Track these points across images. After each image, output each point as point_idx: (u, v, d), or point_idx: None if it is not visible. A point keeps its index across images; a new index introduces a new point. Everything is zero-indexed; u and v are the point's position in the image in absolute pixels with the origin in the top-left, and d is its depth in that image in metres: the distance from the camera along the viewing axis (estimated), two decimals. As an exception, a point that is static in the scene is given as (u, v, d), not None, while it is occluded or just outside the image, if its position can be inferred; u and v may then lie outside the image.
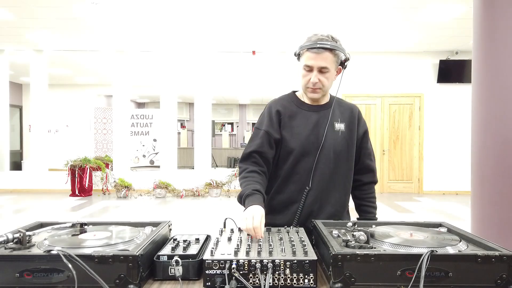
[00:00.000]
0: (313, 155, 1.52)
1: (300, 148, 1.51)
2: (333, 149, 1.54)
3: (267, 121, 1.54)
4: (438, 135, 8.24)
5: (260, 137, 1.52)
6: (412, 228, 1.29)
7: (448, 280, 0.97)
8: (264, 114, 1.58)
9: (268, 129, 1.52)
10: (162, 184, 8.01)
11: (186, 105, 16.45)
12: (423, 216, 6.09)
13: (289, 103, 1.58)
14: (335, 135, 1.55)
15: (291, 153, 1.52)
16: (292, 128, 1.53)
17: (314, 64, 1.46)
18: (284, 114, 1.54)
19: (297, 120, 1.54)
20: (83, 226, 1.25)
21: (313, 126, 1.54)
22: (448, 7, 5.64)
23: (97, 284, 0.92)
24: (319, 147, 1.51)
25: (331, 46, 1.44)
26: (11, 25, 6.57)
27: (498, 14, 2.73)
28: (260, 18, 6.17)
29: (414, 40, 7.38)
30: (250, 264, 0.98)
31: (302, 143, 1.51)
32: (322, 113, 1.56)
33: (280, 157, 1.55)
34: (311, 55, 1.46)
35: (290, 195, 1.53)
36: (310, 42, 1.47)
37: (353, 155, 1.61)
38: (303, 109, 1.56)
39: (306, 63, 1.47)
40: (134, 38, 7.38)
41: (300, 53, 1.52)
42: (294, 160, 1.52)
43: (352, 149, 1.60)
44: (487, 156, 2.80)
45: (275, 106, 1.56)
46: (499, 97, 2.72)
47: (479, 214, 2.90)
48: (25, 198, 7.69)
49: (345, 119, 1.60)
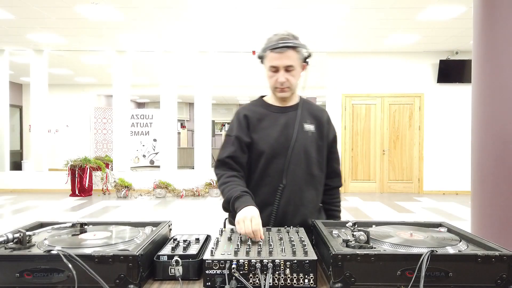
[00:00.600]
0: (284, 156, 1.51)
1: (270, 149, 1.51)
2: (304, 149, 1.53)
3: (237, 126, 1.54)
4: (438, 135, 8.24)
5: (231, 143, 1.52)
6: (412, 228, 1.29)
7: (448, 280, 0.97)
8: (233, 120, 1.59)
9: (238, 133, 1.52)
10: (162, 184, 8.01)
11: (186, 105, 16.46)
12: (423, 216, 6.09)
13: (257, 107, 1.59)
14: (305, 135, 1.54)
15: (262, 155, 1.51)
16: (261, 130, 1.53)
17: (279, 64, 1.46)
18: (252, 118, 1.54)
19: (266, 122, 1.54)
20: (83, 226, 1.25)
21: (282, 127, 1.53)
22: (448, 7, 5.64)
23: (97, 284, 0.92)
24: (289, 148, 1.50)
25: (293, 44, 1.45)
26: (11, 25, 6.57)
27: (498, 14, 2.73)
28: (260, 18, 6.17)
29: (414, 40, 7.38)
30: (250, 264, 0.98)
31: (271, 144, 1.51)
32: (291, 114, 1.56)
33: (251, 160, 1.54)
34: (275, 56, 1.45)
35: (263, 198, 1.51)
36: (272, 43, 1.46)
37: (324, 158, 1.60)
38: (271, 111, 1.56)
39: (271, 64, 1.47)
40: (134, 38, 7.38)
41: (263, 55, 1.50)
42: (265, 162, 1.51)
43: (322, 151, 1.59)
44: (487, 156, 2.80)
45: (242, 111, 1.57)
46: (499, 97, 2.72)
47: (479, 214, 2.90)
48: (25, 198, 7.69)
49: (315, 121, 1.59)
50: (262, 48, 1.51)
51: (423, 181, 8.33)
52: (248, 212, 1.25)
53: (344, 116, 8.41)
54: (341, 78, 8.38)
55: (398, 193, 8.31)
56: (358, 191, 8.41)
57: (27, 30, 6.93)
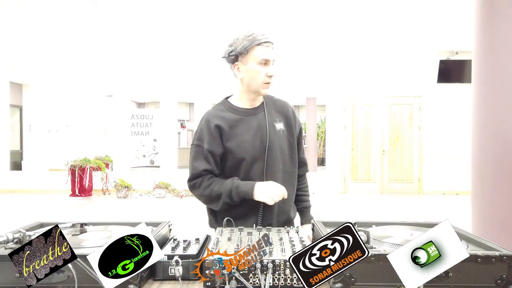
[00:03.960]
0: (262, 159, 1.52)
1: (249, 156, 1.51)
2: (279, 149, 1.56)
3: (208, 138, 1.50)
4: (438, 135, 8.24)
5: (204, 156, 1.50)
6: (412, 228, 1.29)
7: (448, 280, 0.97)
8: (202, 129, 1.53)
9: (210, 147, 1.50)
10: (162, 184, 8.01)
11: (186, 105, 16.44)
12: (423, 216, 6.09)
13: (226, 112, 1.55)
14: (278, 135, 1.56)
15: (242, 162, 1.51)
16: (236, 137, 1.51)
17: (270, 56, 1.47)
18: (224, 126, 1.51)
19: (239, 128, 1.52)
20: (83, 226, 1.25)
21: (255, 131, 1.53)
22: (448, 7, 5.64)
23: (97, 284, 0.92)
24: (265, 150, 1.51)
25: (271, 40, 1.49)
26: (12, 25, 6.57)
27: (498, 14, 2.73)
28: (260, 18, 6.17)
29: (414, 40, 7.38)
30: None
31: (249, 151, 1.51)
32: (260, 115, 1.56)
33: (230, 167, 1.53)
34: (265, 49, 1.46)
35: (249, 203, 1.50)
36: (258, 37, 1.46)
37: (295, 152, 1.64)
38: (242, 116, 1.54)
39: (263, 57, 1.46)
40: (135, 38, 7.38)
41: (246, 51, 1.47)
42: (246, 168, 1.52)
43: (294, 146, 1.63)
44: (487, 156, 2.80)
45: (212, 120, 1.52)
46: (499, 97, 2.72)
47: (479, 214, 2.90)
48: (25, 198, 7.69)
49: (283, 118, 1.61)
50: (241, 45, 1.48)
51: (423, 181, 8.33)
52: (265, 186, 1.43)
53: (344, 116, 8.41)
54: (342, 78, 8.38)
55: (398, 193, 8.31)
56: (358, 191, 8.41)
57: (27, 30, 6.93)
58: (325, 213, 6.35)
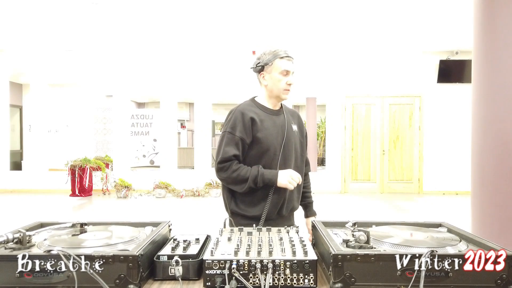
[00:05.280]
0: (279, 153, 1.75)
1: (273, 148, 1.73)
2: (294, 146, 1.82)
3: (241, 127, 1.71)
4: (438, 135, 8.24)
5: (236, 143, 1.70)
6: (412, 228, 1.29)
7: (448, 280, 0.97)
8: (236, 119, 1.73)
9: (242, 135, 1.70)
10: (162, 184, 8.01)
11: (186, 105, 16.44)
12: (423, 216, 6.09)
13: (256, 108, 1.79)
14: (293, 134, 1.83)
15: (266, 152, 1.72)
16: (265, 130, 1.73)
17: (291, 68, 1.75)
18: (256, 119, 1.73)
19: (267, 122, 1.76)
20: (83, 226, 1.25)
21: (279, 128, 1.78)
22: (448, 6, 5.64)
23: (97, 284, 0.92)
24: (283, 145, 1.76)
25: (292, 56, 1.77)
26: (12, 25, 6.57)
27: (498, 14, 2.73)
28: (260, 18, 6.17)
29: (414, 40, 7.38)
30: (250, 264, 0.98)
31: (273, 143, 1.73)
32: (281, 116, 1.82)
33: (254, 156, 1.73)
34: (287, 62, 1.74)
35: (262, 192, 1.71)
36: (280, 53, 1.74)
37: (305, 151, 1.92)
38: (268, 114, 1.79)
39: (285, 68, 1.73)
40: (135, 38, 7.38)
41: (271, 63, 1.74)
42: (267, 158, 1.73)
43: (304, 146, 1.91)
44: (487, 156, 2.80)
45: (248, 113, 1.74)
46: (499, 97, 2.72)
47: (479, 214, 2.90)
48: (25, 198, 7.69)
49: (296, 122, 1.90)
50: (267, 58, 1.75)
51: (423, 181, 8.33)
52: (285, 172, 1.67)
53: (344, 116, 8.42)
54: (342, 78, 8.39)
55: (398, 193, 8.31)
56: (358, 191, 8.41)
57: (27, 30, 6.93)
58: (325, 213, 6.35)
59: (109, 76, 8.96)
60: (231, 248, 1.07)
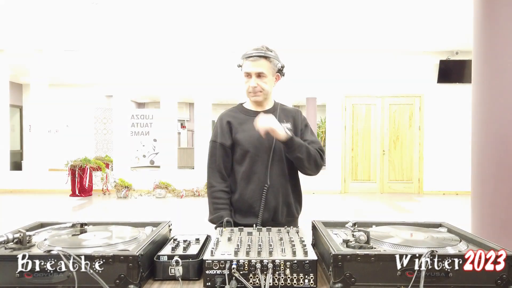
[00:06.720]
0: (267, 154, 1.66)
1: (254, 149, 1.66)
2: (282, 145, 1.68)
3: (220, 132, 1.72)
4: (438, 135, 8.24)
5: (217, 150, 1.72)
6: (412, 228, 1.29)
7: (448, 280, 0.97)
8: (216, 126, 1.76)
9: (221, 140, 1.71)
10: (162, 184, 8.01)
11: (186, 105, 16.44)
12: (423, 216, 6.09)
13: (237, 113, 1.76)
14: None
15: (247, 154, 1.67)
16: (244, 132, 1.69)
17: (251, 70, 1.63)
18: (233, 122, 1.71)
19: (248, 124, 1.68)
20: (83, 226, 1.26)
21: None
22: (448, 7, 5.63)
23: (97, 284, 0.92)
24: (271, 146, 1.66)
25: (264, 54, 1.62)
26: (12, 24, 6.57)
27: (498, 14, 2.73)
28: (260, 18, 6.17)
29: (414, 40, 7.38)
30: (250, 264, 0.98)
31: (255, 144, 1.66)
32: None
33: (236, 158, 1.71)
34: (248, 63, 1.63)
35: (252, 194, 1.66)
36: (248, 53, 1.65)
37: None
38: (251, 116, 1.70)
39: (245, 71, 1.65)
40: (135, 38, 7.38)
41: (242, 64, 1.68)
42: (251, 160, 1.67)
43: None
44: (487, 156, 2.80)
45: (224, 118, 1.74)
46: (499, 97, 2.72)
47: (479, 214, 2.90)
48: (25, 198, 7.69)
49: (290, 119, 1.76)
50: (240, 59, 1.69)
51: (423, 182, 8.33)
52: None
53: (344, 116, 8.41)
54: (341, 78, 8.38)
55: (398, 193, 8.31)
56: (358, 191, 8.41)
57: (27, 30, 6.93)
58: (325, 213, 6.35)
59: (109, 76, 8.96)
60: (231, 248, 1.07)
